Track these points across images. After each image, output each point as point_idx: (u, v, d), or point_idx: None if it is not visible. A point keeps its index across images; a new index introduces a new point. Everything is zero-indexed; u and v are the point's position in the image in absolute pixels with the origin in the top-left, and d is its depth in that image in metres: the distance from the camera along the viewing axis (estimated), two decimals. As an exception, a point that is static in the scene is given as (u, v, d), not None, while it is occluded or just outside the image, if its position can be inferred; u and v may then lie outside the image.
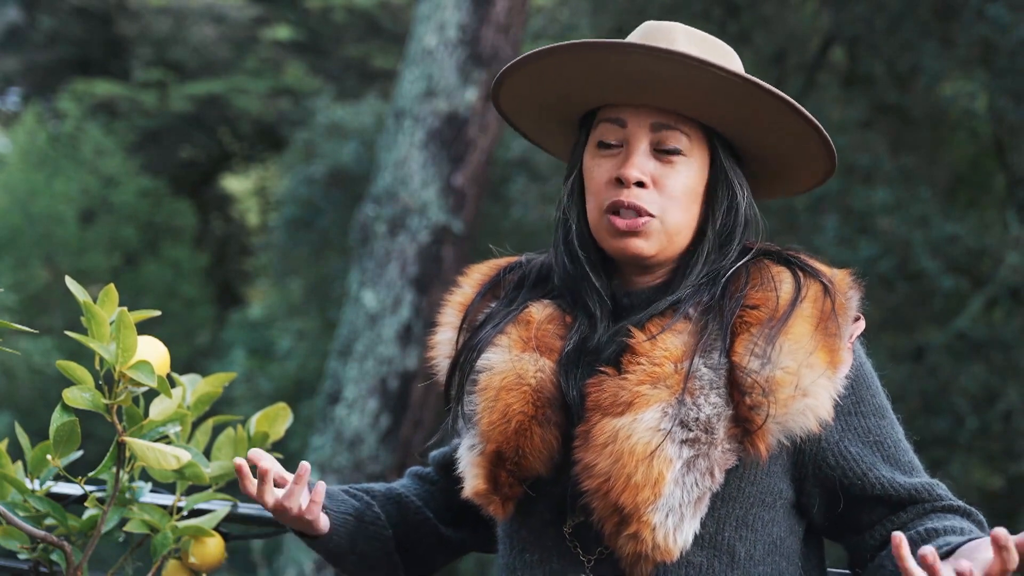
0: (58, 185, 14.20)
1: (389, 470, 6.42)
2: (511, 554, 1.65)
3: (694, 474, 1.48)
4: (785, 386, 1.49)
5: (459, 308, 1.74)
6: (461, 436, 1.64)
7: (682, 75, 1.54)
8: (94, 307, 1.59)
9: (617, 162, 1.61)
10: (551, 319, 1.63)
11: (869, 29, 8.44)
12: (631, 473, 1.46)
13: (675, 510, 1.47)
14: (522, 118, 1.75)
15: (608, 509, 1.48)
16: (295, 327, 11.44)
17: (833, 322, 1.55)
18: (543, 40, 9.64)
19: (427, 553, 1.85)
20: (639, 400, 1.49)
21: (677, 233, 1.61)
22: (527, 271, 1.74)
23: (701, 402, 1.49)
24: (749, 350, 1.51)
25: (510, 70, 1.65)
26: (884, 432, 1.60)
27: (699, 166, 1.62)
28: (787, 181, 1.72)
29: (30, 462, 1.76)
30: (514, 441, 1.55)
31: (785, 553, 1.60)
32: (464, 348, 1.66)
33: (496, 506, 1.58)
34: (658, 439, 1.46)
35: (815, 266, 1.63)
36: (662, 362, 1.51)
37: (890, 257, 7.66)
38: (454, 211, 6.66)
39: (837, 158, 1.66)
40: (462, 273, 1.81)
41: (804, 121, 1.58)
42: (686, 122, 1.60)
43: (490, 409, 1.56)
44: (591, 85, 1.61)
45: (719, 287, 1.59)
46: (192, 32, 15.15)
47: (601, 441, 1.49)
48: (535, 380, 1.57)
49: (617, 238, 1.60)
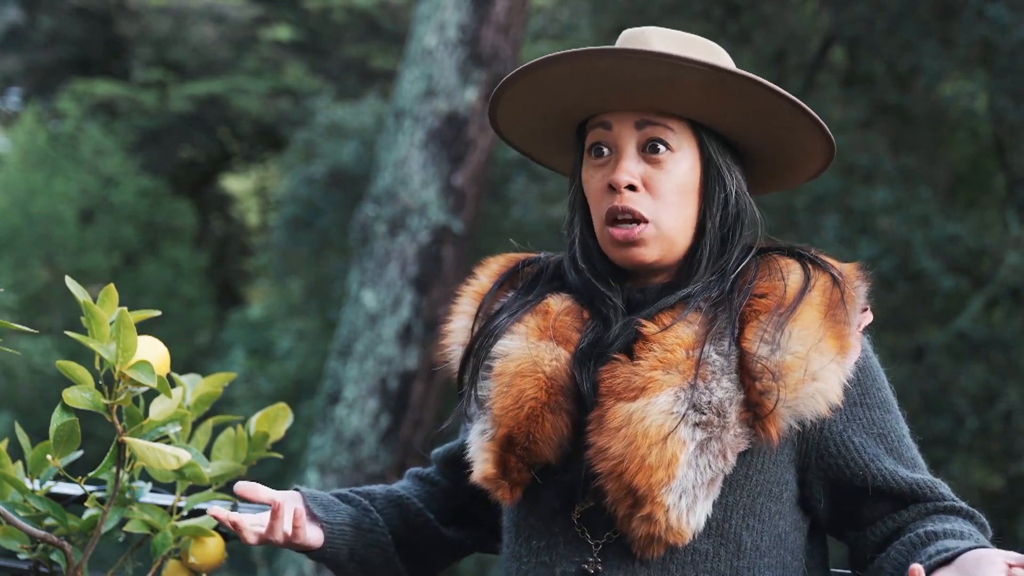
0: (58, 185, 14.20)
1: (389, 470, 6.42)
2: (517, 542, 1.65)
3: (707, 456, 1.49)
4: (795, 370, 1.51)
5: (475, 297, 1.76)
6: (472, 422, 1.65)
7: (655, 74, 1.56)
8: (94, 307, 1.59)
9: (608, 169, 1.63)
10: (569, 312, 1.65)
11: (869, 29, 8.44)
12: (645, 455, 1.47)
13: (688, 492, 1.49)
14: (524, 139, 1.78)
15: (622, 491, 1.49)
16: (295, 327, 11.44)
17: (842, 310, 1.57)
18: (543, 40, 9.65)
19: (429, 553, 1.85)
20: (652, 385, 1.51)
21: (676, 234, 1.62)
22: (545, 266, 1.76)
23: (713, 386, 1.51)
24: (759, 336, 1.53)
25: (497, 95, 1.68)
26: (888, 425, 1.60)
27: (690, 161, 1.63)
28: (788, 170, 1.72)
29: (30, 462, 1.76)
30: (525, 426, 1.56)
31: (790, 547, 1.60)
32: (480, 334, 1.68)
33: (504, 491, 1.59)
34: (672, 422, 1.48)
35: (824, 258, 1.65)
36: (674, 348, 1.53)
37: (890, 257, 7.66)
38: (454, 211, 6.66)
39: (836, 149, 1.66)
40: (470, 272, 1.82)
41: (788, 104, 1.58)
42: (671, 117, 1.62)
43: (503, 394, 1.58)
44: (574, 97, 1.64)
45: (728, 282, 1.61)
46: (192, 32, 15.15)
47: (615, 425, 1.50)
48: (550, 368, 1.58)
49: (618, 249, 1.62)
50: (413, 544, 1.82)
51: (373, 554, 1.77)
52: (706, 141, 1.63)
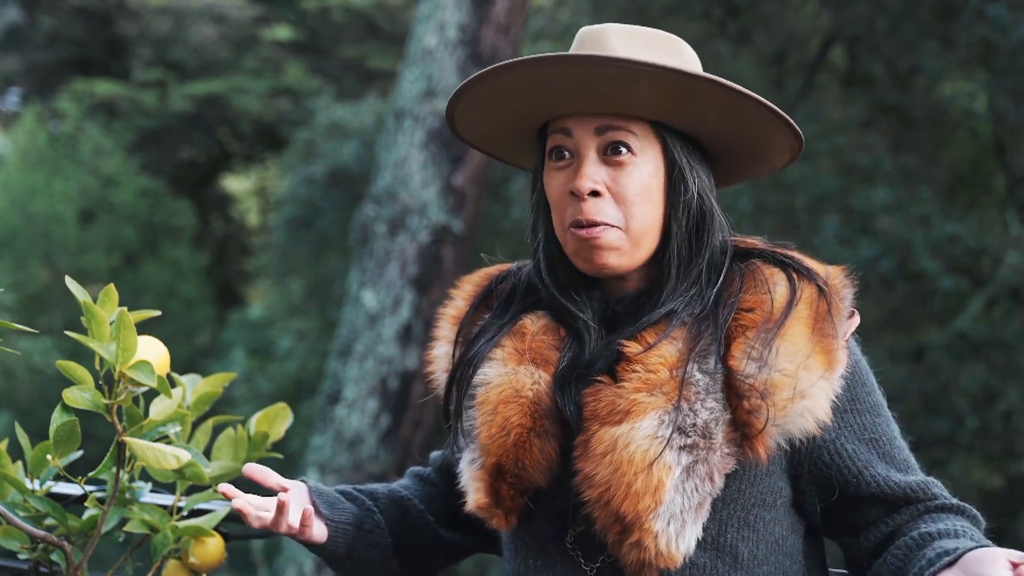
0: (57, 185, 14.20)
1: (389, 470, 6.42)
2: (515, 560, 1.65)
3: (694, 480, 1.47)
4: (783, 389, 1.49)
5: (453, 321, 1.74)
6: (462, 451, 1.63)
7: (611, 78, 1.53)
8: (94, 307, 1.59)
9: (569, 174, 1.60)
10: (545, 330, 1.63)
11: (869, 29, 8.44)
12: (631, 482, 1.46)
13: (676, 516, 1.47)
14: (485, 141, 1.75)
15: (610, 518, 1.48)
16: (295, 327, 11.44)
17: (829, 323, 1.54)
18: (543, 40, 9.65)
19: (428, 554, 1.85)
20: (636, 408, 1.48)
21: (642, 235, 1.59)
22: (518, 279, 1.73)
23: (698, 407, 1.48)
24: (746, 354, 1.51)
25: (452, 104, 1.65)
26: (880, 429, 1.59)
27: (653, 164, 1.59)
28: (757, 162, 1.69)
29: (30, 462, 1.75)
30: (513, 453, 1.55)
31: (788, 552, 1.60)
32: (460, 363, 1.66)
33: (499, 519, 1.59)
34: (657, 447, 1.46)
35: (808, 266, 1.61)
36: (657, 369, 1.51)
37: (890, 257, 7.66)
38: (454, 211, 6.66)
39: (803, 141, 1.62)
40: (458, 280, 1.81)
41: (751, 102, 1.55)
42: (631, 120, 1.59)
43: (489, 423, 1.56)
44: (531, 103, 1.61)
45: (712, 294, 1.58)
46: (192, 32, 15.15)
47: (600, 451, 1.48)
48: (532, 392, 1.56)
49: (582, 255, 1.59)
50: (413, 545, 1.82)
51: (371, 555, 1.77)
52: (669, 142, 1.60)
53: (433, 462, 1.91)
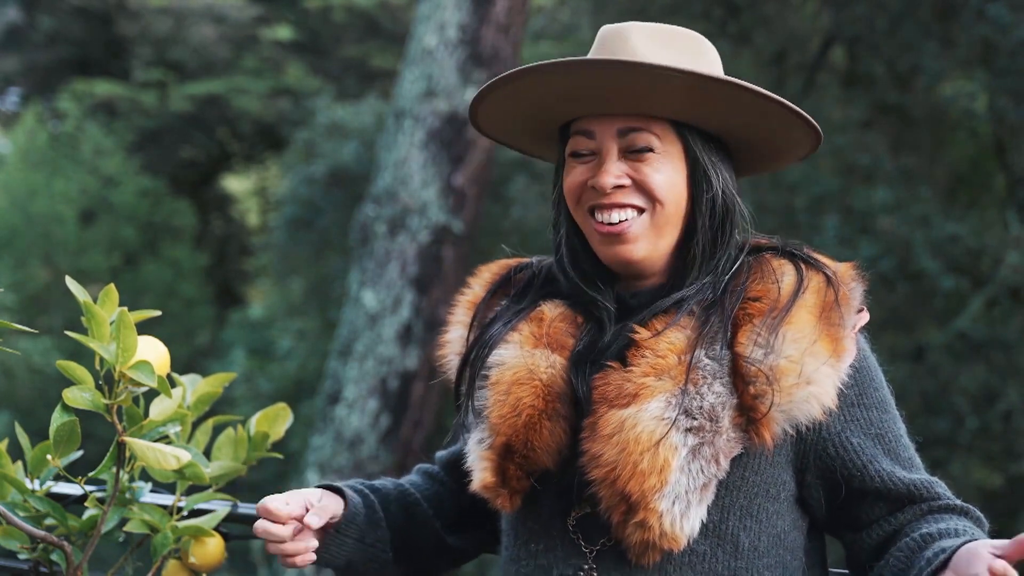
0: (58, 185, 14.20)
1: (389, 470, 6.41)
2: (515, 545, 1.66)
3: (699, 461, 1.49)
4: (788, 374, 1.51)
5: (469, 306, 1.76)
6: (470, 431, 1.65)
7: (636, 81, 1.55)
8: (94, 307, 1.59)
9: (591, 168, 1.63)
10: (563, 317, 1.65)
11: (869, 29, 8.44)
12: (637, 461, 1.48)
13: (681, 497, 1.49)
14: (508, 136, 1.78)
15: (615, 498, 1.50)
16: (295, 327, 11.44)
17: (836, 312, 1.56)
18: (543, 40, 9.65)
19: (430, 559, 1.85)
20: (644, 391, 1.50)
21: (666, 223, 1.61)
22: (537, 271, 1.76)
23: (704, 391, 1.51)
24: (752, 340, 1.53)
25: (475, 104, 1.68)
26: (886, 426, 1.60)
27: (675, 161, 1.62)
28: (776, 156, 1.72)
29: (30, 462, 1.75)
30: (523, 434, 1.56)
31: (789, 547, 1.60)
32: (475, 344, 1.68)
33: (504, 499, 1.60)
34: (663, 428, 1.48)
35: (818, 258, 1.64)
36: (666, 354, 1.53)
37: (890, 257, 7.66)
38: (454, 211, 6.66)
39: (822, 136, 1.65)
40: (470, 273, 1.83)
41: (774, 104, 1.58)
42: (653, 121, 1.61)
43: (501, 403, 1.58)
44: (554, 104, 1.63)
45: (721, 285, 1.60)
46: (192, 32, 15.15)
47: (607, 431, 1.50)
48: (546, 375, 1.58)
49: (606, 245, 1.62)
50: (415, 550, 1.82)
51: (370, 568, 1.77)
52: (691, 141, 1.62)
53: (439, 460, 1.91)
